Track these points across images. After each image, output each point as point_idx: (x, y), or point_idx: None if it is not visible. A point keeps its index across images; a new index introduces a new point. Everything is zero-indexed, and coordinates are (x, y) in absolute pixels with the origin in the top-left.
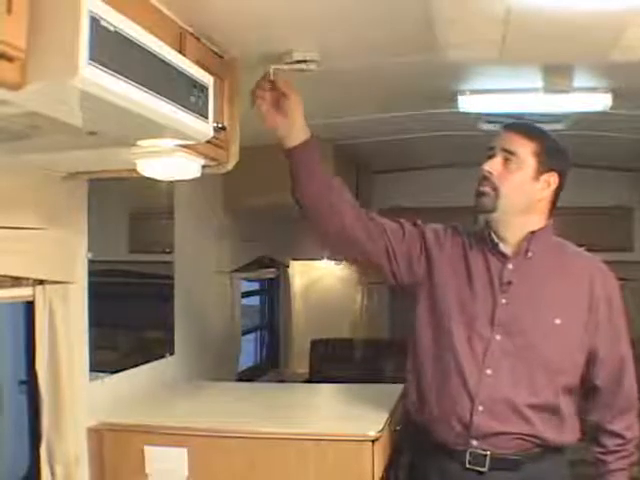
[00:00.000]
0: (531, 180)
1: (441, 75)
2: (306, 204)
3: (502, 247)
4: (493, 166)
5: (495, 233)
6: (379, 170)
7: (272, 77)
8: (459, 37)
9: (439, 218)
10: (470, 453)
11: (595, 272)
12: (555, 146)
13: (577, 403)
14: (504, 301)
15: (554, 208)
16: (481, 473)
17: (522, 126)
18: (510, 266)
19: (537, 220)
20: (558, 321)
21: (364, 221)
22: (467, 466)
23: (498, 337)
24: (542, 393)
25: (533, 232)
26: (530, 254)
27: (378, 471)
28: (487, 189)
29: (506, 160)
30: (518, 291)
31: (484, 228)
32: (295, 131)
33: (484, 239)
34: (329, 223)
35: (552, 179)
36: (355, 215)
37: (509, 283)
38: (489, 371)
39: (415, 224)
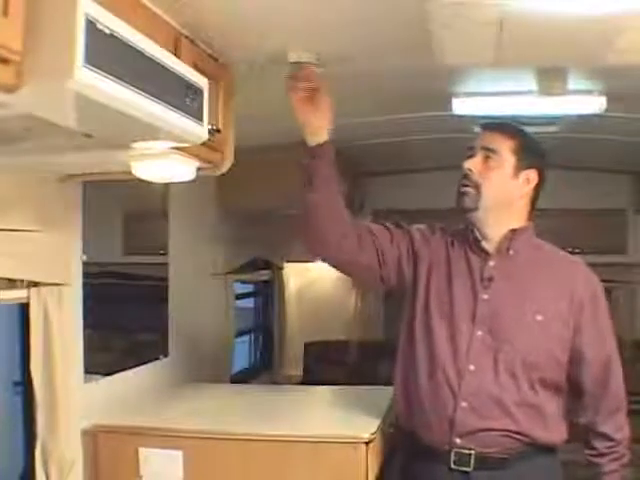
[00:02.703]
0: (511, 177)
1: (436, 78)
2: (316, 204)
3: (484, 244)
4: (473, 164)
5: (478, 231)
6: (374, 172)
7: (307, 70)
8: (454, 41)
9: (433, 220)
10: (455, 453)
11: (578, 273)
12: (533, 143)
13: (565, 404)
14: (485, 297)
15: (534, 208)
16: (466, 473)
17: (500, 124)
18: (491, 263)
19: (518, 218)
20: (539, 317)
21: (357, 229)
22: (452, 466)
23: (479, 333)
24: (522, 388)
25: (514, 230)
26: (511, 252)
27: (372, 473)
28: (468, 188)
29: (486, 158)
30: (499, 287)
31: (467, 226)
32: (323, 129)
33: (466, 237)
34: (330, 226)
35: (531, 176)
36: (350, 222)
37: (490, 279)
38: (472, 367)
39: (399, 225)
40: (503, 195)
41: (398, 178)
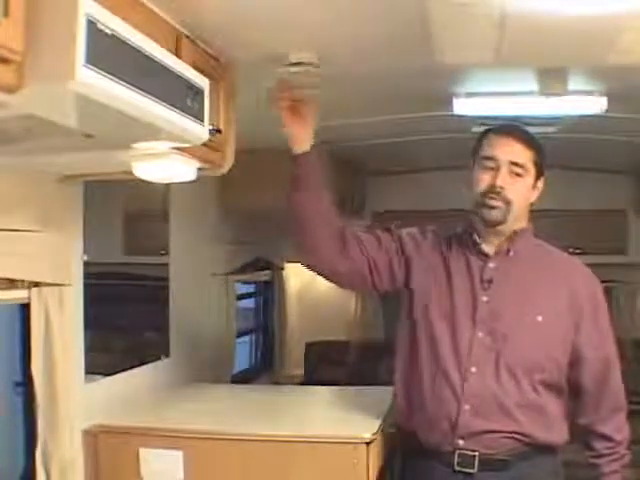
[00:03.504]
0: (531, 188)
1: (436, 78)
2: (304, 210)
3: (484, 247)
4: (504, 181)
5: (478, 233)
6: (374, 172)
7: (288, 83)
8: (455, 41)
9: (433, 220)
10: (458, 454)
11: (578, 274)
12: (543, 150)
13: (566, 405)
14: (485, 299)
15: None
16: (470, 475)
17: (522, 134)
18: (491, 265)
19: (521, 220)
20: (540, 318)
21: (346, 237)
22: (455, 468)
23: (480, 335)
24: (523, 389)
25: (515, 232)
26: (512, 253)
27: (373, 473)
28: (499, 203)
29: (511, 172)
30: (500, 289)
31: (465, 229)
32: (308, 137)
33: (465, 239)
34: (320, 232)
35: (541, 183)
36: (340, 228)
37: (490, 281)
38: (474, 369)
39: (389, 230)
40: (525, 206)
41: (398, 178)
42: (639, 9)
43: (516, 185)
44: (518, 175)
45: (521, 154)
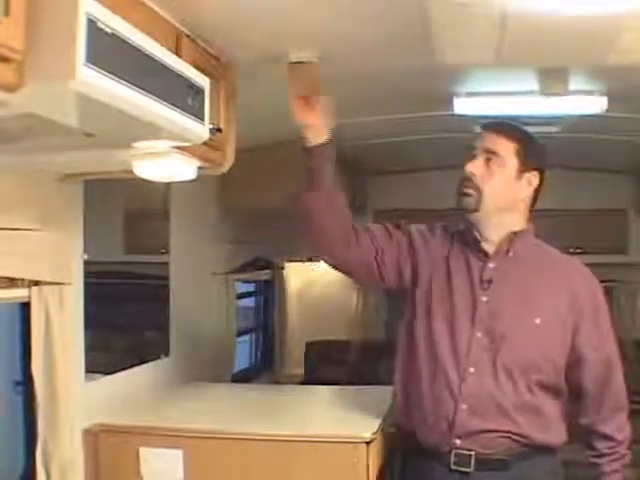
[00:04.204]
0: (513, 180)
1: (437, 78)
2: (316, 204)
3: (484, 246)
4: (475, 167)
5: (478, 232)
6: (375, 172)
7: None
8: (455, 41)
9: (434, 220)
10: (455, 454)
11: (577, 274)
12: (535, 145)
13: (564, 407)
14: (484, 299)
15: (534, 207)
16: (467, 474)
17: (503, 126)
18: (491, 265)
19: (517, 219)
20: (538, 320)
21: (356, 227)
22: (452, 467)
23: (479, 335)
24: (520, 390)
25: (515, 232)
26: (511, 253)
27: (373, 473)
28: (470, 190)
29: (488, 160)
30: (499, 289)
31: (467, 227)
32: (322, 129)
33: (466, 238)
34: (334, 223)
35: (533, 178)
36: (349, 219)
37: (490, 281)
38: (472, 369)
39: (399, 226)
40: (505, 198)
41: (399, 177)
42: (639, 9)
43: (491, 175)
44: (492, 162)
45: (498, 143)
